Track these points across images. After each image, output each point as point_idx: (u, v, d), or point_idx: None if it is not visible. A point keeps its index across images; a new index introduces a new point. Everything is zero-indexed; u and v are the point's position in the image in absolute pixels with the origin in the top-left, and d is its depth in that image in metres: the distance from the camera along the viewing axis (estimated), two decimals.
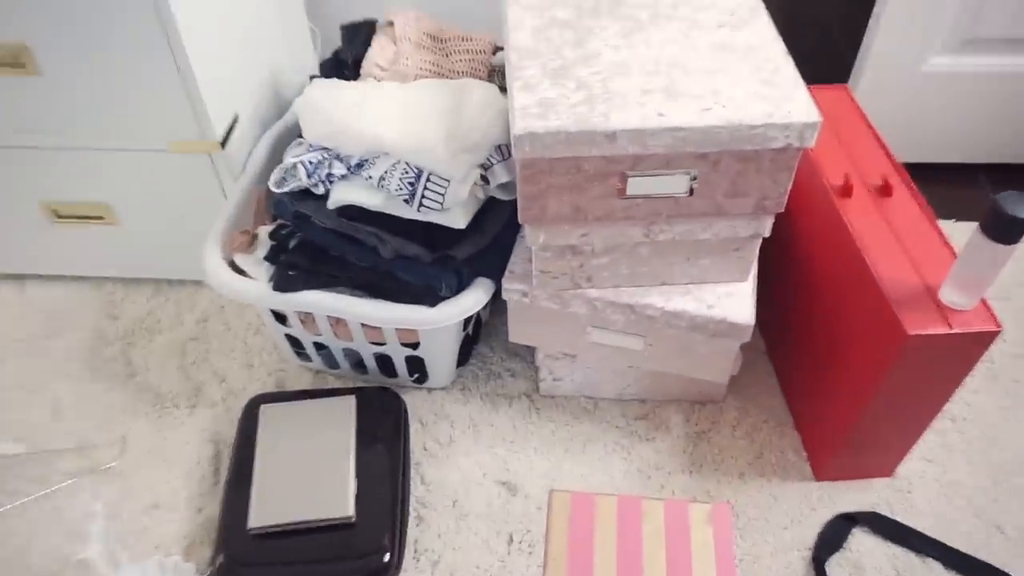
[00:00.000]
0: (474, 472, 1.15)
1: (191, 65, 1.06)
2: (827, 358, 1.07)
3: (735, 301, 1.02)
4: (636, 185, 0.90)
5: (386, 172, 1.02)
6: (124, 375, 1.29)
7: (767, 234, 0.98)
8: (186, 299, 1.40)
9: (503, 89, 1.14)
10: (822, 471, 1.12)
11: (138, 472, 1.16)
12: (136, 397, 1.26)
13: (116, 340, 1.34)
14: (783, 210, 0.94)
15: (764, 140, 0.84)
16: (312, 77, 1.24)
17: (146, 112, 1.13)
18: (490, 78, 1.20)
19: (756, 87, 0.87)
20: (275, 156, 1.25)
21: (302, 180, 1.05)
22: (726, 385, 1.21)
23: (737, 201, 0.92)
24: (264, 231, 1.14)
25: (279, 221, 1.13)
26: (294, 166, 1.06)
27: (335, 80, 1.12)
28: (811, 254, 1.10)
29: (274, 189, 1.08)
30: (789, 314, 1.20)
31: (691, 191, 0.90)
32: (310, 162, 1.05)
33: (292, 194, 1.08)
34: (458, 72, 1.17)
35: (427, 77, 1.15)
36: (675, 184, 0.90)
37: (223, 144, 1.17)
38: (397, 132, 1.03)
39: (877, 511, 1.09)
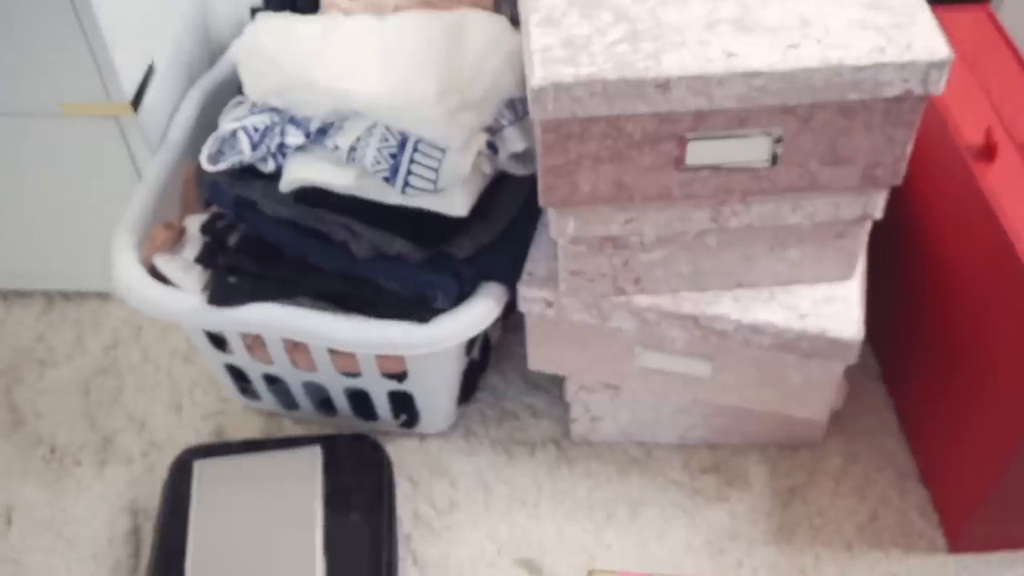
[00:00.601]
0: (485, 548, 1.15)
1: None
2: (967, 385, 1.07)
3: (837, 308, 1.02)
4: (699, 152, 0.90)
5: (358, 140, 1.03)
6: (7, 423, 1.30)
7: (879, 215, 0.98)
8: (89, 318, 1.41)
9: (515, 22, 1.15)
10: (959, 540, 1.12)
11: (28, 556, 1.17)
12: (23, 453, 1.27)
13: None
14: (901, 182, 0.94)
15: (874, 86, 0.84)
16: (254, 11, 1.25)
17: (29, 63, 1.13)
18: (497, 7, 1.21)
19: (860, 12, 0.87)
20: (207, 120, 1.26)
21: (244, 154, 1.06)
22: (826, 424, 1.21)
23: (838, 170, 0.92)
24: (194, 223, 1.15)
25: (214, 210, 1.14)
26: (233, 134, 1.07)
27: (286, 15, 1.12)
28: (942, 242, 1.10)
29: (207, 166, 1.08)
30: (912, 325, 1.19)
31: (774, 158, 0.90)
32: (255, 128, 1.06)
33: (232, 173, 1.09)
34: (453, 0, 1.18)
35: (411, 7, 1.16)
36: (752, 149, 0.90)
37: (135, 105, 1.18)
38: (372, 84, 1.03)
39: None
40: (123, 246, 1.12)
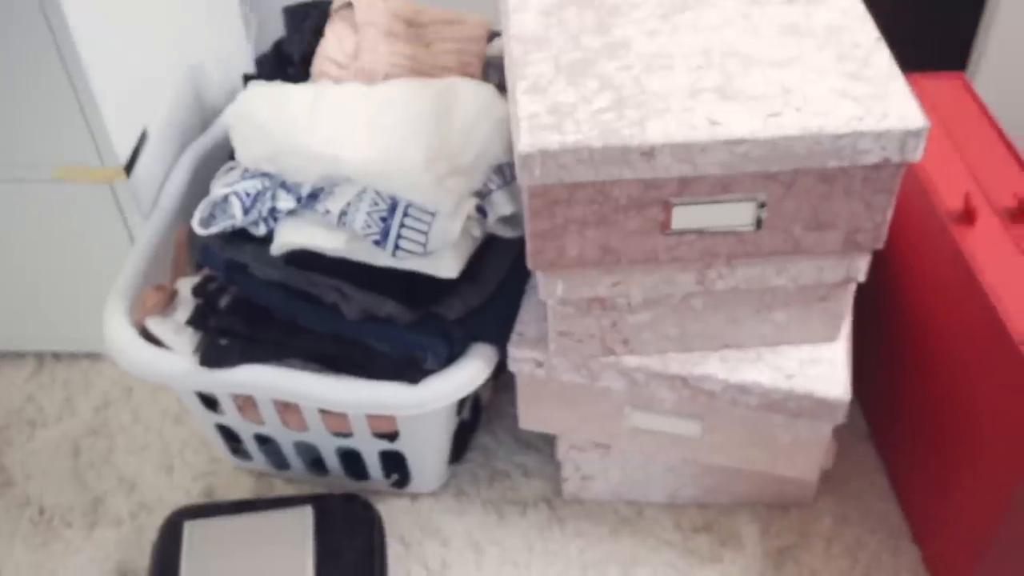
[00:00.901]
0: None
1: (82, 62, 1.09)
2: (954, 445, 1.08)
3: (823, 369, 1.03)
4: (684, 216, 0.91)
5: (349, 204, 1.04)
6: None
7: (862, 278, 0.99)
8: (79, 379, 1.42)
9: (502, 89, 1.17)
10: None
11: None
12: (11, 515, 1.26)
13: None
14: (882, 246, 0.95)
15: (853, 154, 0.86)
16: (247, 78, 1.27)
17: (23, 127, 1.16)
18: (485, 75, 1.23)
19: (839, 82, 0.89)
20: (199, 185, 1.28)
21: (236, 218, 1.07)
22: (816, 484, 1.21)
23: (821, 235, 0.93)
24: (186, 286, 1.16)
25: (206, 272, 1.15)
26: (225, 199, 1.08)
27: (277, 83, 1.15)
28: (924, 304, 1.11)
29: (199, 230, 1.10)
30: (899, 385, 1.20)
31: (758, 223, 0.92)
32: (247, 193, 1.08)
33: (223, 236, 1.10)
34: (442, 68, 1.20)
35: (401, 75, 1.18)
36: (737, 214, 0.91)
37: (128, 170, 1.20)
38: (362, 150, 1.05)
39: None
40: (115, 309, 1.13)
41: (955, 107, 1.17)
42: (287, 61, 1.25)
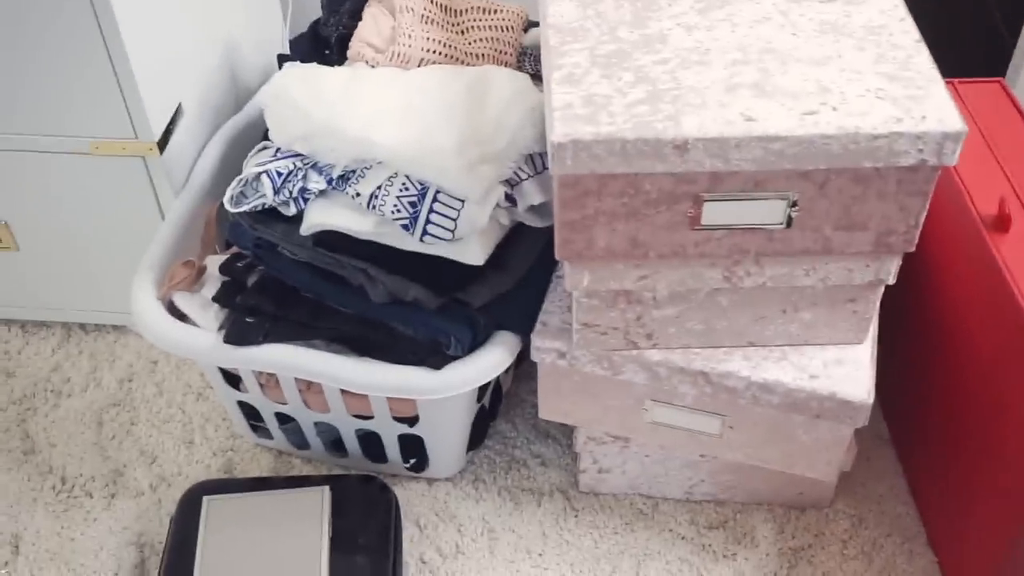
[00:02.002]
0: None
1: (122, 37, 1.10)
2: (977, 453, 1.07)
3: (847, 371, 1.03)
4: (715, 212, 0.91)
5: (379, 188, 1.04)
6: (19, 452, 1.31)
7: (892, 280, 0.98)
8: (105, 351, 1.43)
9: (537, 79, 1.16)
10: None
11: None
12: (34, 482, 1.27)
13: (9, 405, 1.37)
14: (913, 249, 0.95)
15: (889, 155, 0.85)
16: (281, 58, 1.27)
17: (63, 101, 1.16)
18: (519, 64, 1.22)
19: (878, 82, 0.88)
20: (231, 163, 1.28)
21: (267, 197, 1.07)
22: (834, 485, 1.21)
23: (852, 236, 0.93)
24: (214, 263, 1.16)
25: (234, 250, 1.16)
26: (257, 178, 1.08)
27: (313, 65, 1.14)
28: (953, 309, 1.10)
29: (230, 208, 1.10)
30: (922, 389, 1.20)
31: (789, 221, 0.91)
32: (278, 173, 1.08)
33: (253, 215, 1.10)
34: (477, 55, 1.20)
35: (436, 61, 1.18)
36: (767, 212, 0.91)
37: (161, 146, 1.21)
38: (394, 135, 1.05)
39: None
40: (143, 282, 1.14)
41: (993, 112, 1.16)
42: (323, 43, 1.25)
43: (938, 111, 0.85)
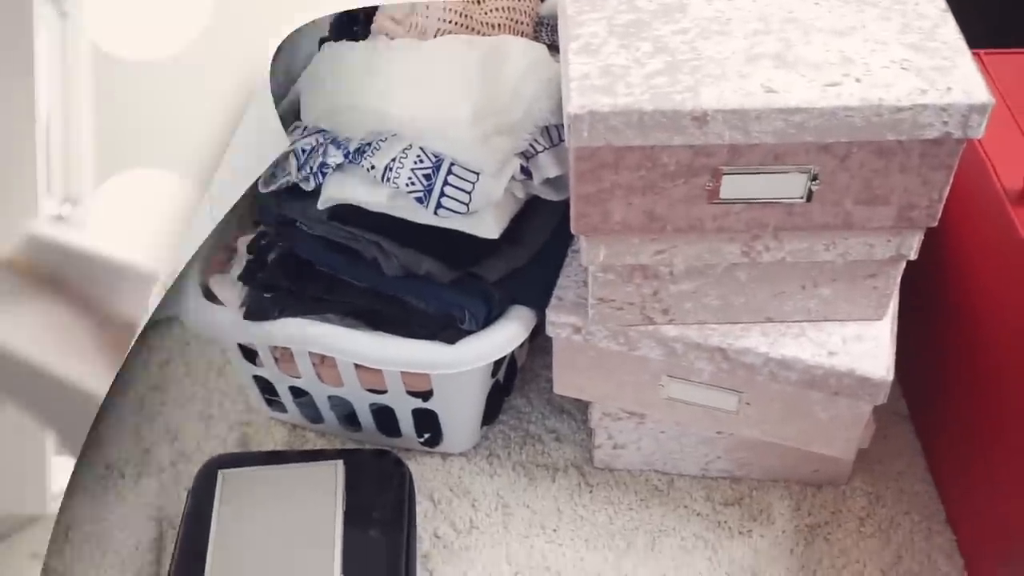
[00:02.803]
0: (502, 571, 1.15)
1: None
2: (997, 431, 1.05)
3: (867, 347, 1.01)
4: (734, 186, 0.89)
5: (393, 160, 1.03)
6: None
7: (913, 256, 0.97)
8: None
9: (554, 49, 1.15)
10: None
11: (72, 568, 1.17)
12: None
13: None
14: (936, 224, 0.93)
15: (912, 128, 0.83)
16: (322, 41, 1.26)
17: None
18: (536, 34, 1.21)
19: (903, 53, 0.86)
20: None
21: (292, 174, 1.08)
22: (852, 462, 1.19)
23: (873, 210, 0.91)
24: (243, 242, 1.16)
25: (260, 228, 1.16)
26: (287, 156, 1.08)
27: (344, 43, 1.15)
28: (975, 285, 1.09)
29: (261, 187, 1.11)
30: (942, 367, 1.18)
31: (809, 195, 0.90)
32: (303, 150, 1.08)
33: (279, 193, 1.10)
34: (493, 25, 1.19)
35: (451, 31, 1.17)
36: (788, 185, 0.89)
37: None
38: (410, 106, 1.04)
39: None
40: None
41: (1021, 84, 1.13)
42: (354, 21, 1.25)
43: (964, 82, 0.83)
